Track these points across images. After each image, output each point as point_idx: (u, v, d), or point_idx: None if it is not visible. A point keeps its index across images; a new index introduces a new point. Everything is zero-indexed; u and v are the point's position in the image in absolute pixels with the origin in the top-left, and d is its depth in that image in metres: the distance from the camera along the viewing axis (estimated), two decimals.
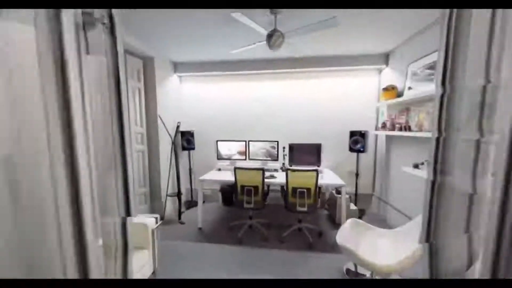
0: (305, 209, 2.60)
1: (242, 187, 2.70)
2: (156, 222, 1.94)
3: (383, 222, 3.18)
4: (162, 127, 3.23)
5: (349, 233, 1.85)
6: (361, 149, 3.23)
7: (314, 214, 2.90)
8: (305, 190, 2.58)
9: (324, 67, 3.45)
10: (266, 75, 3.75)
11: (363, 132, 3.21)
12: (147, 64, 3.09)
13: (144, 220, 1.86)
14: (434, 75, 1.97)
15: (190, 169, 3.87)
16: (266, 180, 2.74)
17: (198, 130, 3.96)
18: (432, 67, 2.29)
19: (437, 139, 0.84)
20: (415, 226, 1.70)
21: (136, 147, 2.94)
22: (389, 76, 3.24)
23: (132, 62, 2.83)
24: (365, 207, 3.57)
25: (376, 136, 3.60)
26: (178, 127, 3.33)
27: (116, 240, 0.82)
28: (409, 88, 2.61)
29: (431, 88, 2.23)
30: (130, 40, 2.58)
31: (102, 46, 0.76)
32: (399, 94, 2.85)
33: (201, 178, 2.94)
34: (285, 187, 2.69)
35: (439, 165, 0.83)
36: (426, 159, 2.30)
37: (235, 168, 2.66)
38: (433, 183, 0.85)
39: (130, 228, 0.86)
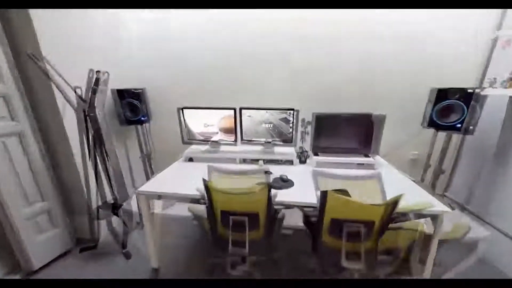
0: (359, 266, 1.19)
1: (225, 214, 1.25)
2: None
3: (471, 251, 1.85)
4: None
5: None
6: (459, 125, 1.67)
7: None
8: (361, 226, 1.14)
9: None
10: None
11: (469, 91, 1.60)
12: None
13: None
14: None
15: (144, 156, 2.34)
16: (273, 191, 1.27)
17: (156, 90, 2.32)
18: None
19: None
20: None
21: None
22: None
23: None
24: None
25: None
26: (97, 80, 1.65)
27: None
28: None
29: None
30: None
31: None
32: None
33: (141, 189, 1.43)
34: (316, 212, 1.23)
35: None
36: None
37: (206, 185, 1.15)
38: None
39: None
